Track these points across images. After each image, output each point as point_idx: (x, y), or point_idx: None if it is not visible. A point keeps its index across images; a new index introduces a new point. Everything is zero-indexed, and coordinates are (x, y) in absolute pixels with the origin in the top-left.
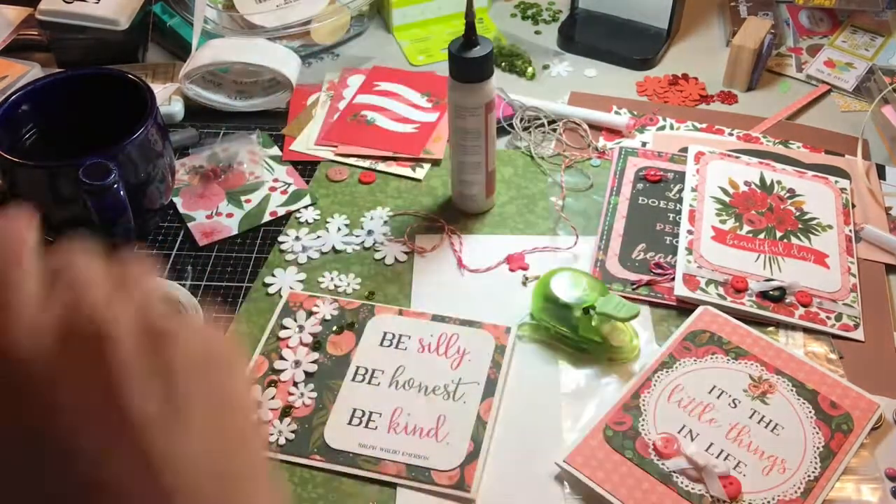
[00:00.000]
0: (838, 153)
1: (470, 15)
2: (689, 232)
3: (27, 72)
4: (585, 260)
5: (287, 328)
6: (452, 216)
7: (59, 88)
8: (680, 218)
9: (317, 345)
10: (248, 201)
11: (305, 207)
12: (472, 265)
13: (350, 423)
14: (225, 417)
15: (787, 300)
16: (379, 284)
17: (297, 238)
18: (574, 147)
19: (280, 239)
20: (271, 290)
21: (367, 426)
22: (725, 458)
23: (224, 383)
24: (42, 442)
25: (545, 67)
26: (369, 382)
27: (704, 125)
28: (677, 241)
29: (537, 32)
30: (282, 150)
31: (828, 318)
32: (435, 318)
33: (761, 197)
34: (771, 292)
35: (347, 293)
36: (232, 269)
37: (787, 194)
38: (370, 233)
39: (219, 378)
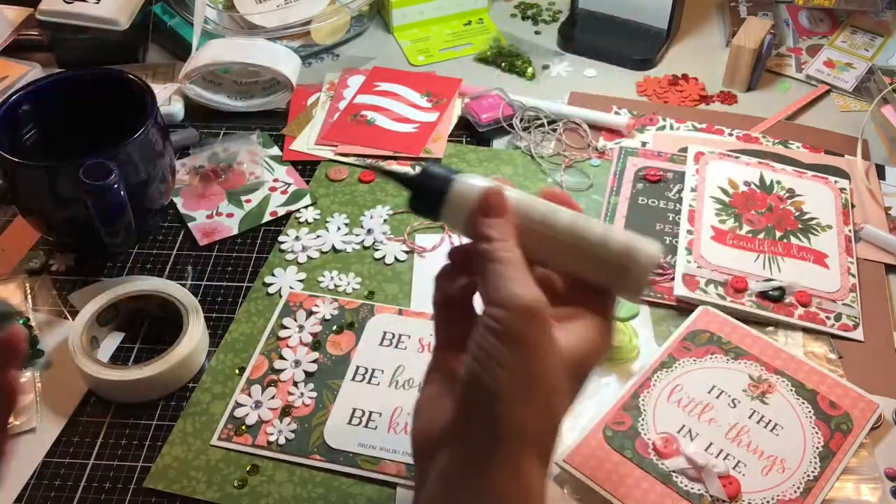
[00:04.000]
0: (838, 153)
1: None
2: (689, 232)
3: (27, 72)
4: None
5: (287, 328)
6: None
7: (59, 88)
8: (679, 218)
9: (317, 344)
10: (248, 201)
11: (305, 207)
12: None
13: (350, 423)
14: None
15: (787, 300)
16: (379, 284)
17: (297, 238)
18: (574, 147)
19: (280, 239)
20: (271, 289)
21: (366, 426)
22: (725, 458)
23: None
24: None
25: (545, 67)
26: (369, 382)
27: (704, 125)
28: (677, 241)
29: (537, 32)
30: (282, 150)
31: (827, 318)
32: None
33: (761, 197)
34: (770, 292)
35: (347, 293)
36: (232, 269)
37: (787, 194)
38: (370, 232)
39: None
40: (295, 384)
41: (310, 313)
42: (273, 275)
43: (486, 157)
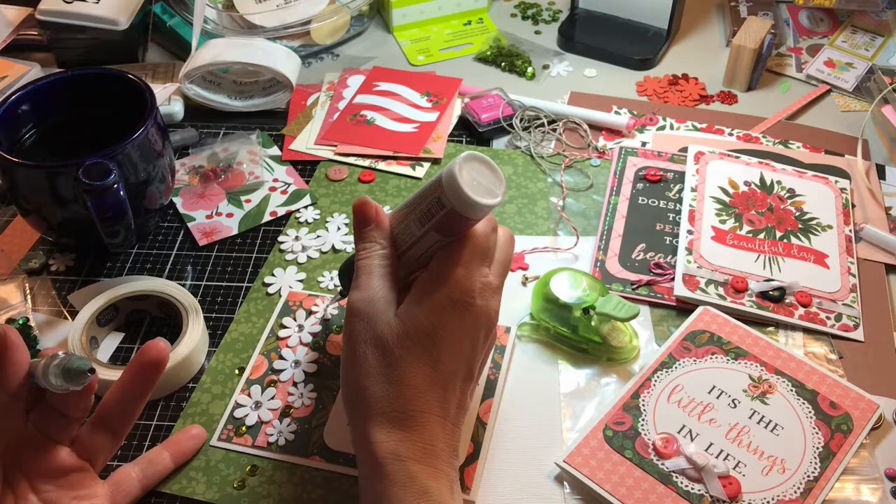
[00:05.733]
0: (838, 153)
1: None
2: (689, 232)
3: (27, 72)
4: (585, 260)
5: (287, 328)
6: None
7: (59, 88)
8: (680, 218)
9: (316, 344)
10: (248, 201)
11: (305, 207)
12: None
13: (350, 424)
14: None
15: (787, 300)
16: None
17: (297, 238)
18: (574, 147)
19: (280, 239)
20: (271, 289)
21: None
22: (725, 458)
23: None
24: None
25: (545, 67)
26: None
27: (704, 125)
28: (677, 241)
29: (537, 32)
30: (281, 149)
31: (827, 318)
32: None
33: (761, 197)
34: (771, 292)
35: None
36: (232, 269)
37: (787, 194)
38: None
39: None
40: (295, 384)
41: (309, 313)
42: (273, 275)
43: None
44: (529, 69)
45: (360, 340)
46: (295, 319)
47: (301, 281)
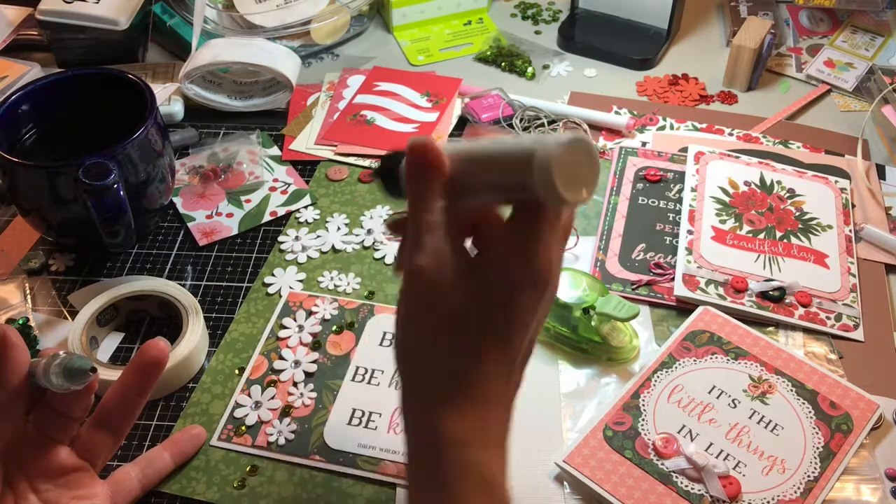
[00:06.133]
0: (838, 153)
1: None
2: (689, 232)
3: (27, 72)
4: (585, 260)
5: (287, 328)
6: None
7: (59, 88)
8: (680, 218)
9: (316, 345)
10: (247, 201)
11: (305, 207)
12: None
13: (350, 424)
14: None
15: (787, 300)
16: (379, 284)
17: (297, 238)
18: None
19: (280, 239)
20: (271, 289)
21: (366, 426)
22: (725, 458)
23: None
24: None
25: (545, 67)
26: (369, 382)
27: (704, 125)
28: (677, 241)
29: (537, 32)
30: (281, 149)
31: (827, 318)
32: None
33: (761, 197)
34: (771, 292)
35: (347, 293)
36: (232, 269)
37: (787, 194)
38: (370, 232)
39: None
40: (295, 384)
41: (309, 313)
42: (273, 275)
43: None
44: (529, 69)
45: (429, 311)
46: (295, 320)
47: (301, 281)
